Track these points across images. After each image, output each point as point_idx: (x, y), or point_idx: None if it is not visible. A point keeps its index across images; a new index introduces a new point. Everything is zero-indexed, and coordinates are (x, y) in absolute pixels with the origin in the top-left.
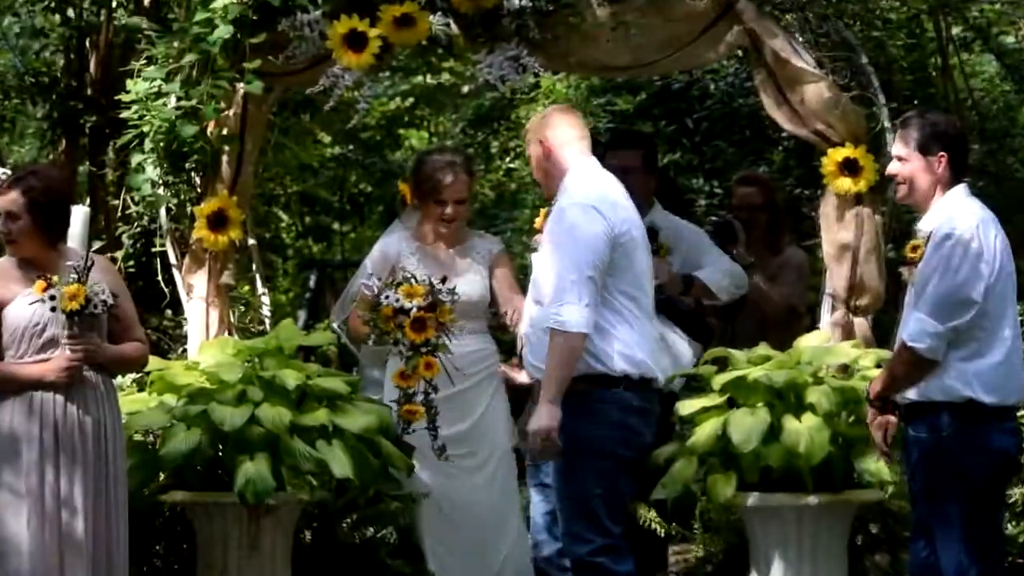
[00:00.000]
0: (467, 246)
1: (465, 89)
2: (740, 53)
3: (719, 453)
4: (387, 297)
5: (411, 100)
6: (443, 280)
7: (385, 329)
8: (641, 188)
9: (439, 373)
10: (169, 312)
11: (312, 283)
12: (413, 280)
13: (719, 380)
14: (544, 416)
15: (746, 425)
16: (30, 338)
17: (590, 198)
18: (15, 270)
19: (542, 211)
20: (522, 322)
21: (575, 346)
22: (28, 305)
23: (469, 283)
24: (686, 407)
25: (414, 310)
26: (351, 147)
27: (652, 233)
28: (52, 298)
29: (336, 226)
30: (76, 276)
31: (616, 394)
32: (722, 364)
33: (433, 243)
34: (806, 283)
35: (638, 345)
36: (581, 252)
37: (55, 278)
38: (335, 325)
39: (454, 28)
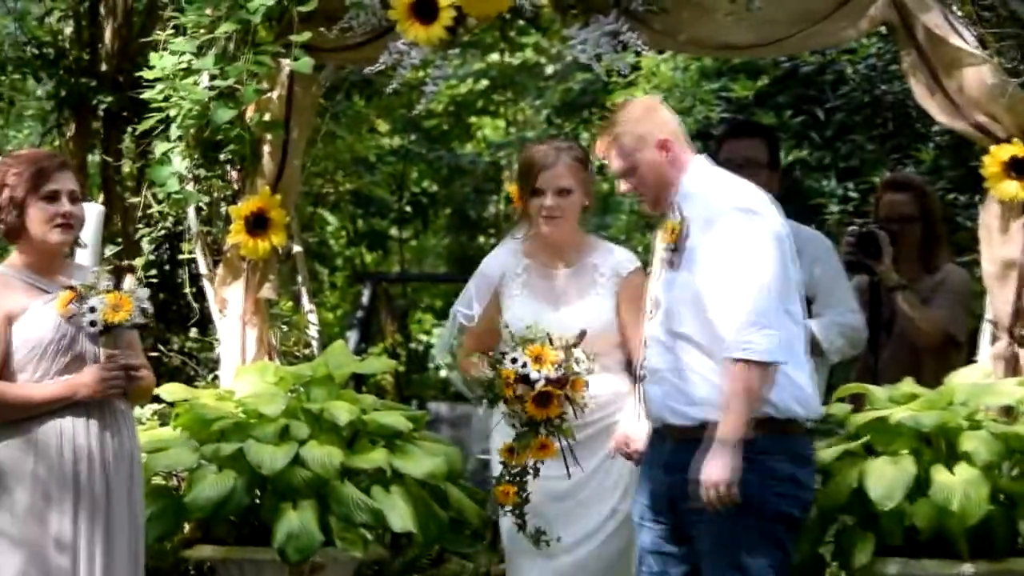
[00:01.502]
0: (587, 263)
1: (550, 70)
2: (884, 30)
3: (854, 510)
4: (513, 360)
5: (485, 82)
6: (581, 335)
7: (501, 395)
8: (763, 186)
9: (554, 457)
10: (196, 331)
11: (365, 299)
12: (548, 341)
13: (855, 422)
14: (721, 465)
15: (887, 477)
16: (54, 356)
17: (748, 201)
18: (16, 280)
19: (669, 224)
20: (647, 360)
21: (769, 381)
22: (51, 317)
23: (587, 311)
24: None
25: (541, 382)
26: (413, 138)
27: None
28: (92, 310)
29: (394, 232)
30: (110, 283)
31: (785, 441)
32: (859, 403)
33: (547, 260)
34: (966, 307)
35: (805, 379)
36: (761, 268)
37: (83, 286)
38: (441, 365)
39: None
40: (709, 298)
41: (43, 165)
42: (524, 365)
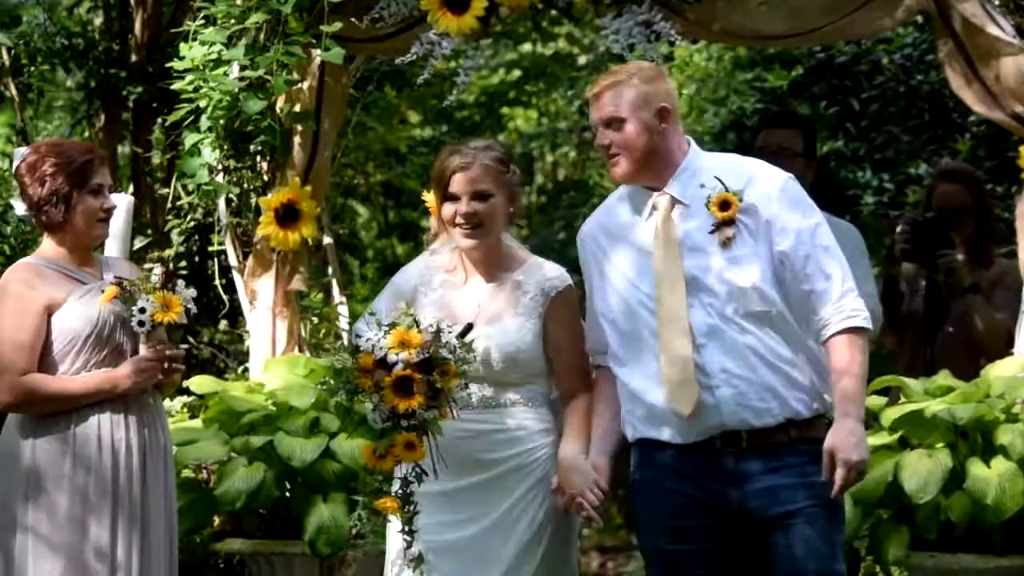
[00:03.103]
0: (510, 279)
1: (583, 60)
2: (920, 19)
3: (889, 503)
4: (368, 341)
5: (517, 73)
6: (467, 328)
7: (359, 385)
8: (804, 175)
9: (423, 459)
10: (226, 323)
11: None
12: (415, 324)
13: (890, 415)
14: (862, 442)
15: (922, 470)
16: (92, 348)
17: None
18: (53, 271)
19: (720, 196)
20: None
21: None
22: (91, 309)
23: (504, 333)
24: None
25: (399, 366)
26: (445, 129)
27: None
28: (143, 310)
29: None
30: (157, 280)
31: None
32: (893, 395)
33: (466, 275)
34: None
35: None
36: (832, 234)
37: (129, 282)
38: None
39: None
40: (806, 269)
41: (88, 158)
42: (382, 348)
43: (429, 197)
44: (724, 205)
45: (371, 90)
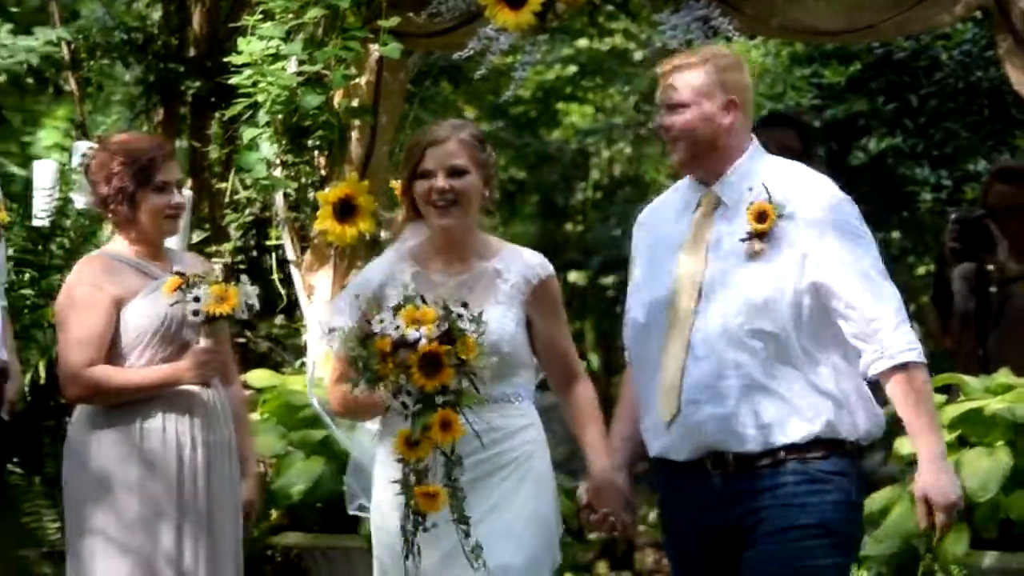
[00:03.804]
0: (487, 268)
1: (639, 55)
2: (980, 15)
3: None
4: (382, 323)
5: (573, 68)
6: (463, 305)
7: (381, 373)
8: None
9: (464, 436)
10: (284, 317)
11: None
12: (420, 301)
13: (949, 413)
14: (952, 482)
15: (982, 469)
16: (160, 343)
17: (843, 194)
18: (125, 265)
19: (757, 206)
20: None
21: None
22: (160, 303)
23: (488, 320)
24: (906, 444)
25: (423, 341)
26: (501, 124)
27: None
28: (197, 299)
29: (481, 219)
30: (219, 274)
31: (857, 463)
32: (953, 393)
33: (440, 266)
34: None
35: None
36: (881, 262)
37: (192, 275)
38: (310, 393)
39: None
40: (847, 298)
41: (153, 155)
42: (398, 327)
43: (396, 184)
44: (761, 216)
45: (428, 85)
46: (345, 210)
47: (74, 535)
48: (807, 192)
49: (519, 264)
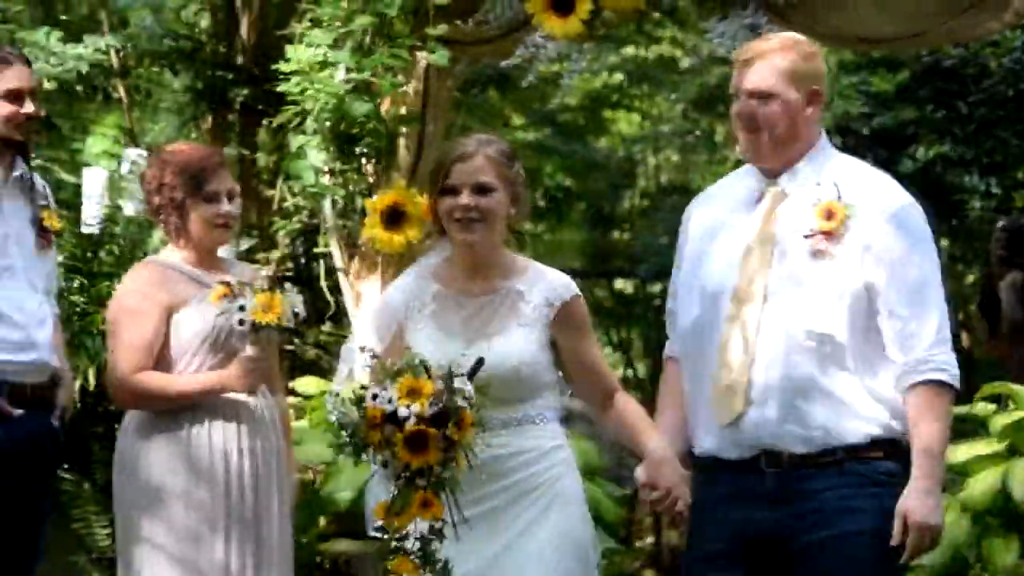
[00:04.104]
0: (510, 288)
1: (686, 63)
2: None
3: (998, 511)
4: (375, 396)
5: (620, 76)
6: (478, 364)
7: (367, 440)
8: None
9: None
10: (331, 324)
11: None
12: (424, 368)
13: (999, 422)
14: (937, 506)
15: None
16: (208, 351)
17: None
18: (177, 273)
19: (826, 204)
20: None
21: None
22: (209, 312)
23: (507, 346)
24: (957, 453)
25: (411, 420)
26: (548, 132)
27: None
28: (242, 308)
29: (529, 226)
30: (266, 283)
31: (908, 469)
32: (1002, 402)
33: (463, 285)
34: None
35: None
36: (940, 281)
37: (238, 283)
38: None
39: None
40: (900, 306)
41: (203, 165)
42: (390, 400)
43: (423, 200)
44: (829, 214)
45: (476, 93)
46: (393, 217)
47: (124, 542)
48: (876, 192)
49: (542, 285)
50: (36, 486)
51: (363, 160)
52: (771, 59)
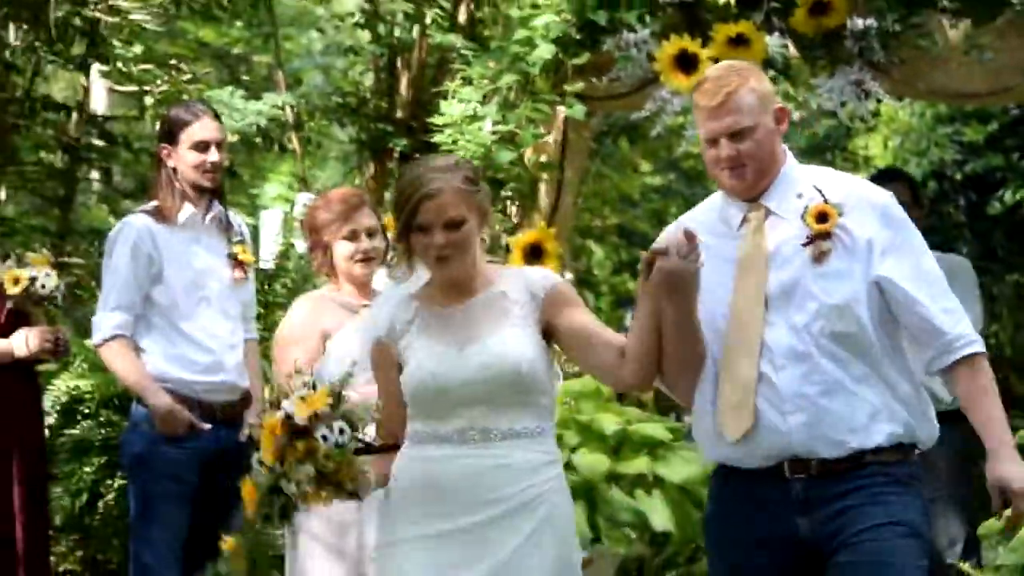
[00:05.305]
0: (493, 293)
1: (796, 116)
2: None
3: None
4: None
5: None
6: (365, 447)
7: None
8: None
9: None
10: None
11: (628, 322)
12: (340, 385)
13: None
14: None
15: None
16: (359, 371)
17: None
18: (334, 302)
19: (817, 208)
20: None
21: None
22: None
23: (503, 346)
24: None
25: (279, 419)
26: (673, 177)
27: None
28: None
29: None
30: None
31: (920, 470)
32: None
33: (442, 299)
34: None
35: None
36: (933, 258)
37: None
38: None
39: (792, 50)
40: (917, 295)
41: (344, 207)
42: (289, 406)
43: (389, 220)
44: (822, 217)
45: (608, 142)
46: (534, 254)
47: (292, 537)
48: (857, 191)
49: (523, 283)
50: (225, 493)
51: (507, 202)
52: (741, 94)
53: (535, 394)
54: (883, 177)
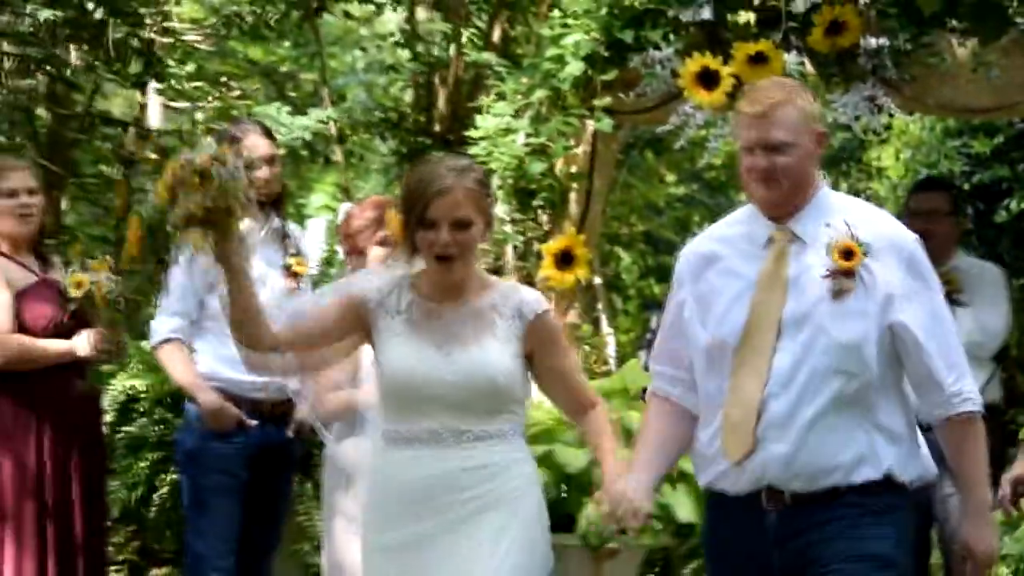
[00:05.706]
0: (484, 302)
1: None
2: None
3: None
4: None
5: None
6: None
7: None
8: (952, 232)
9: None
10: None
11: (653, 324)
12: (229, 146)
13: None
14: (994, 533)
15: None
16: None
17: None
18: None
19: (842, 243)
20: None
21: None
22: None
23: (482, 356)
24: None
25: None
26: (696, 187)
27: None
28: None
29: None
30: None
31: (907, 499)
32: None
33: (436, 298)
34: None
35: None
36: (948, 310)
37: None
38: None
39: (808, 67)
40: (926, 346)
41: (378, 212)
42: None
43: (394, 216)
44: (848, 254)
45: (635, 154)
46: (565, 259)
47: (327, 518)
48: (886, 232)
49: (514, 300)
50: (274, 486)
51: (539, 211)
52: (785, 109)
53: (509, 403)
54: (925, 187)
